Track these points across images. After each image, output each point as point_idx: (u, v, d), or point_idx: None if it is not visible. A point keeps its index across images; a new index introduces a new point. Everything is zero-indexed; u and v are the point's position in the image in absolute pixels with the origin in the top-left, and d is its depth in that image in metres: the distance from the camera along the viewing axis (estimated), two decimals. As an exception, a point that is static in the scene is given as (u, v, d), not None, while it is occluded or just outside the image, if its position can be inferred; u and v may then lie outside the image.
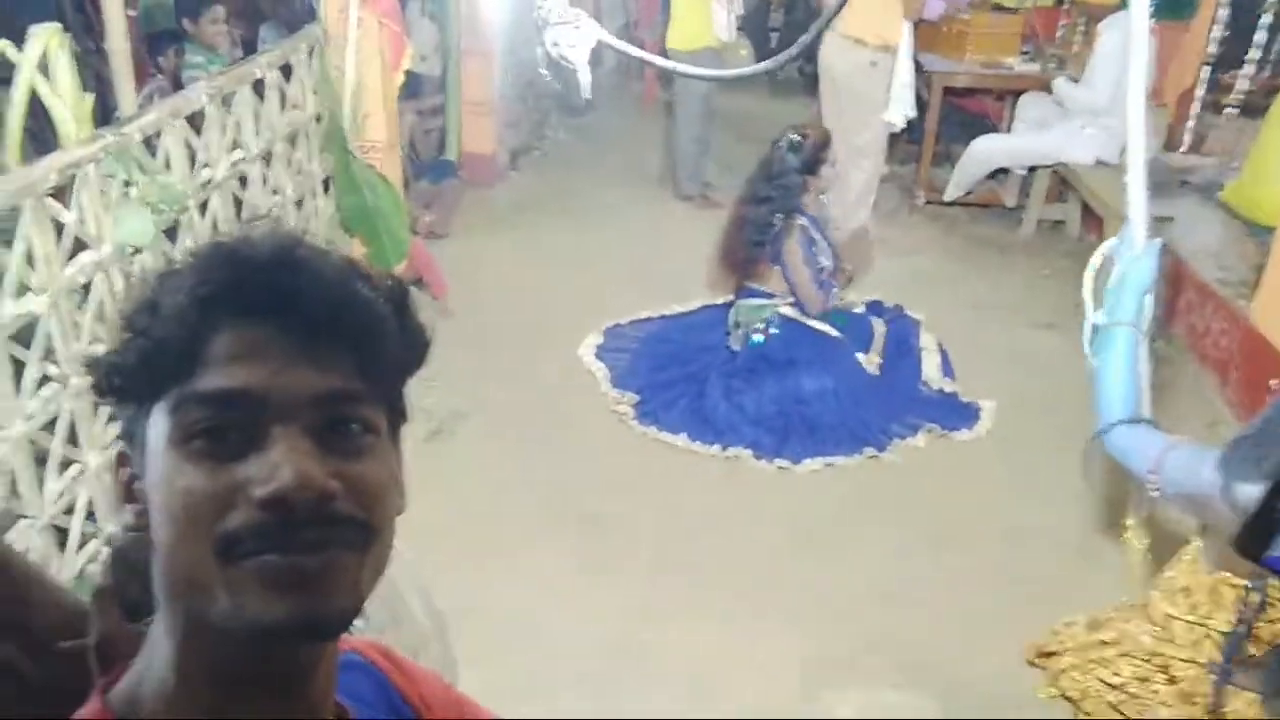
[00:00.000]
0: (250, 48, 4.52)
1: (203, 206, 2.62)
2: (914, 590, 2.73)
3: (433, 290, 4.20)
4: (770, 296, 3.63)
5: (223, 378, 0.62)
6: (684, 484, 3.19)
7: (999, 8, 5.77)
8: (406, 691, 0.81)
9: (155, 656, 0.66)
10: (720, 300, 3.92)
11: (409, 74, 3.93)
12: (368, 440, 0.66)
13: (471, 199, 5.41)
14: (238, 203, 2.85)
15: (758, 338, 3.61)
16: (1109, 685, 2.13)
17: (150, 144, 2.34)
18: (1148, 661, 2.07)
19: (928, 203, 5.42)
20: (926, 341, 3.98)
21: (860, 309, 3.99)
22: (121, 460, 0.69)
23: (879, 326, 3.90)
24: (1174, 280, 4.02)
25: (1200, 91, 5.05)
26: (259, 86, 2.94)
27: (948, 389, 3.70)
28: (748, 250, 3.62)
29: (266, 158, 2.99)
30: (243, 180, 2.86)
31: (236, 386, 0.62)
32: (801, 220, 3.57)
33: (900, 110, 4.50)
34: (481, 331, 3.98)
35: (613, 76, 7.54)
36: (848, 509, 3.09)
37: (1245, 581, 1.85)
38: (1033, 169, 5.17)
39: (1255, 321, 3.44)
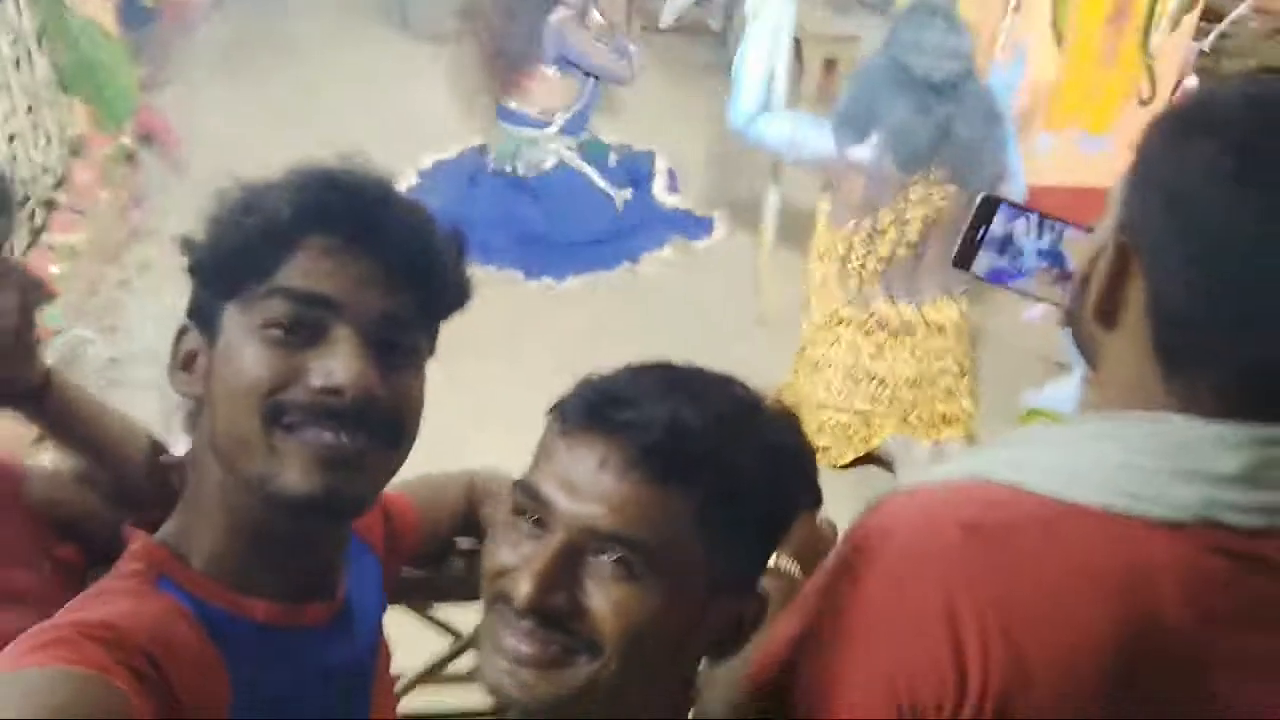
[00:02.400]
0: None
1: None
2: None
3: (165, 145, 4.03)
4: (541, 125, 3.79)
5: (308, 279, 0.72)
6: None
7: None
8: (366, 534, 0.93)
9: (196, 507, 0.77)
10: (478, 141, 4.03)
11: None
12: (412, 360, 0.77)
13: (179, 46, 5.06)
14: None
15: (525, 171, 3.80)
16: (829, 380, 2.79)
17: None
18: (826, 328, 2.74)
19: (643, 28, 5.69)
20: (659, 166, 4.36)
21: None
22: (183, 333, 0.77)
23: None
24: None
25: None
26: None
27: (681, 205, 4.13)
28: (517, 48, 3.66)
29: (-22, 15, 2.78)
30: (-40, 42, 2.66)
31: (318, 290, 0.72)
32: (566, 12, 3.65)
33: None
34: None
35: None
36: (612, 318, 3.47)
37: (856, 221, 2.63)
38: (734, -7, 5.56)
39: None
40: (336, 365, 0.70)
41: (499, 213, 3.78)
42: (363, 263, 0.73)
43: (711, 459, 0.68)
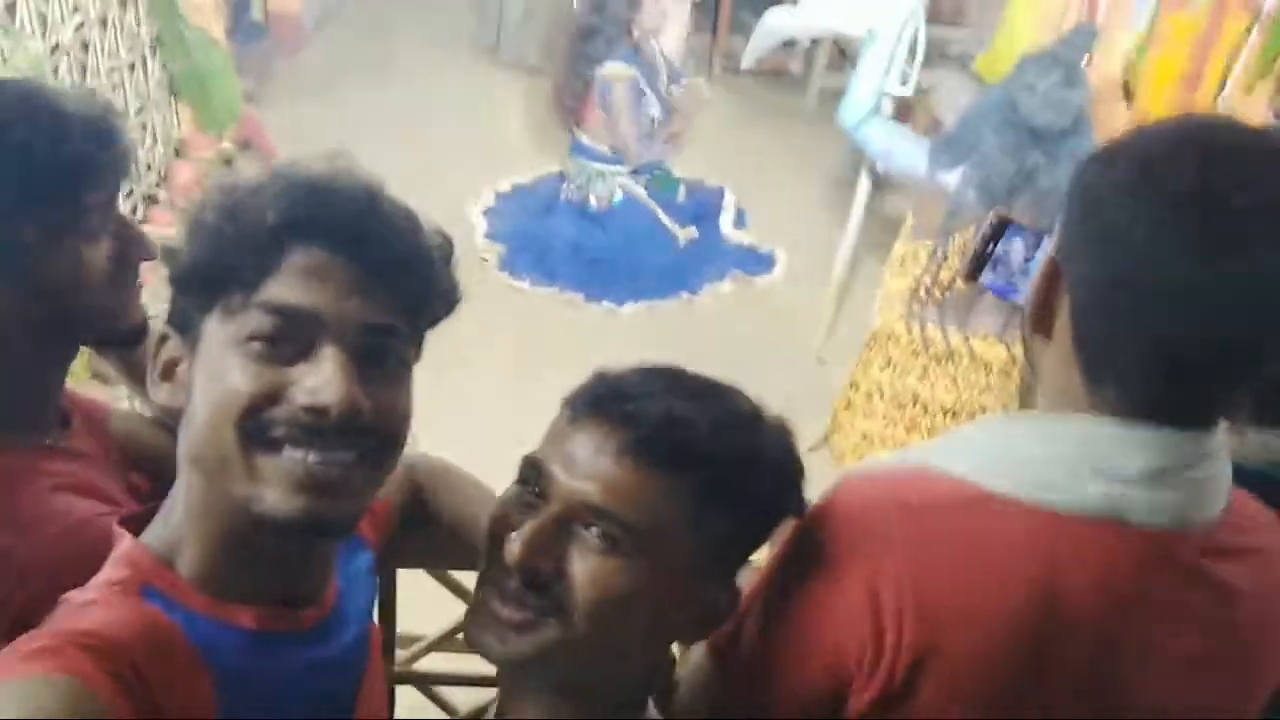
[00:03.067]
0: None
1: (54, 72, 2.67)
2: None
3: (262, 154, 4.26)
4: (607, 160, 3.94)
5: (293, 293, 0.69)
6: (530, 325, 3.60)
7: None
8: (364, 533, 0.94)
9: (181, 515, 0.75)
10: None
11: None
12: (399, 371, 0.75)
13: (281, 63, 5.34)
14: (81, 68, 2.89)
15: (596, 203, 3.94)
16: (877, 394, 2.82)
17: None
18: (879, 343, 2.77)
19: (724, 70, 5.83)
20: (727, 203, 4.46)
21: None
22: (163, 341, 0.76)
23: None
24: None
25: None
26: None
27: (745, 241, 4.23)
28: (577, 87, 3.85)
29: (104, 22, 3.02)
30: (85, 46, 2.89)
31: (304, 304, 0.69)
32: (631, 70, 3.81)
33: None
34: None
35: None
36: (666, 346, 3.56)
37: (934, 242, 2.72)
38: (816, 40, 5.66)
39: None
40: (322, 382, 0.68)
41: (569, 239, 3.94)
42: (349, 273, 0.71)
43: (703, 454, 0.74)
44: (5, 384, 0.94)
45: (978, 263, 0.99)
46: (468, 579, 1.31)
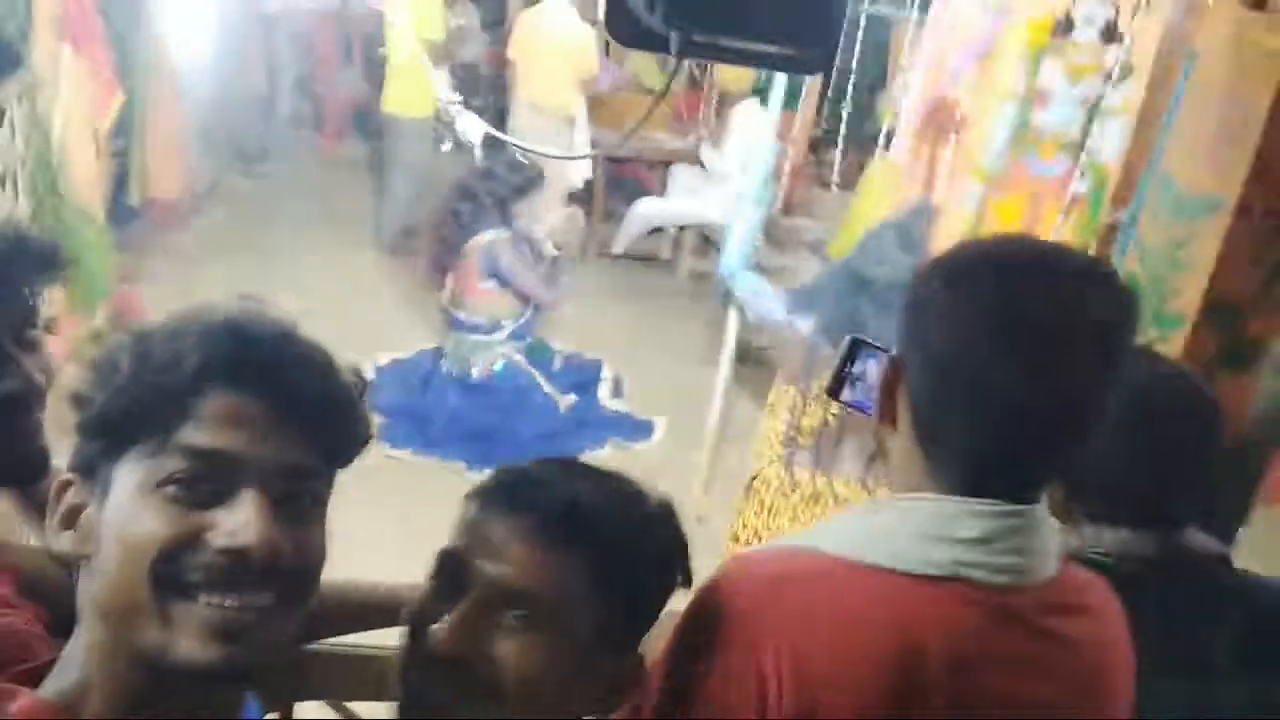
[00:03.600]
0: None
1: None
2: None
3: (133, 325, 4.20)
4: (486, 331, 4.05)
5: (212, 436, 0.69)
6: (411, 495, 3.57)
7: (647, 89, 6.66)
8: None
9: (83, 667, 0.72)
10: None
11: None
12: (315, 510, 0.76)
13: (157, 244, 5.34)
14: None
15: (476, 374, 4.04)
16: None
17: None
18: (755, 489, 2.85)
19: (599, 255, 6.11)
20: (604, 374, 4.62)
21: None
22: (65, 487, 0.74)
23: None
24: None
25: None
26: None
27: (623, 409, 4.37)
28: (449, 261, 3.99)
29: (-19, 194, 3.03)
30: (-40, 216, 2.88)
31: (223, 447, 0.69)
32: (506, 234, 3.95)
33: (579, 173, 5.16)
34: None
35: (287, 126, 7.54)
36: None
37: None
38: (683, 227, 6.04)
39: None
40: (242, 525, 0.68)
41: (448, 410, 4.00)
42: (267, 415, 0.71)
43: (602, 531, 0.83)
44: None
45: (837, 382, 1.11)
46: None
